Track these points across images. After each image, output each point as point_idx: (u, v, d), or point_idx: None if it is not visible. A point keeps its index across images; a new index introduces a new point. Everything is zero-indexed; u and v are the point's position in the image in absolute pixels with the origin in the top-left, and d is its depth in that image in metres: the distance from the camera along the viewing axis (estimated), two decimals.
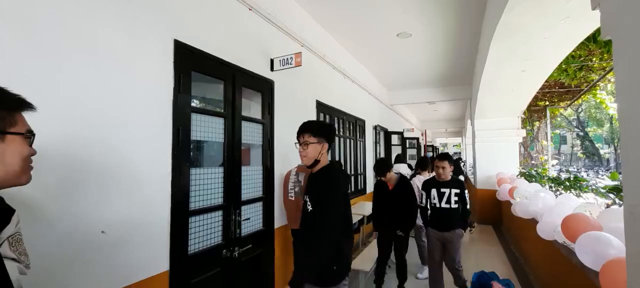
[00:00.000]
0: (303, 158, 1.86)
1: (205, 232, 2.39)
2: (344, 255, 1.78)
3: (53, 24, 1.51)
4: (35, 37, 1.45)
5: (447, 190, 3.19)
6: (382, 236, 3.53)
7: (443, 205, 3.19)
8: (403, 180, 3.51)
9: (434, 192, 3.26)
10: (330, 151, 3.05)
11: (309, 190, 1.85)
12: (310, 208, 1.77)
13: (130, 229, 1.83)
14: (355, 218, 3.86)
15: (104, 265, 1.69)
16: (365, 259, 3.63)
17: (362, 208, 5.03)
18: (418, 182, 4.11)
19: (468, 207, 3.21)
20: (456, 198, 3.17)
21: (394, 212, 3.42)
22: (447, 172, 3.22)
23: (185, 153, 2.19)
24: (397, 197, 3.42)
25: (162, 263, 2.01)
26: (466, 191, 3.19)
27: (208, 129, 2.47)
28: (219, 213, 2.52)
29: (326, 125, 1.99)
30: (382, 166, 3.52)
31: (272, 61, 3.22)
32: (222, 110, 2.62)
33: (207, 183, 2.43)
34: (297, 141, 1.90)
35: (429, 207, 3.31)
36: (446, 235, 3.19)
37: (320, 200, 1.74)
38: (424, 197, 3.36)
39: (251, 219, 2.89)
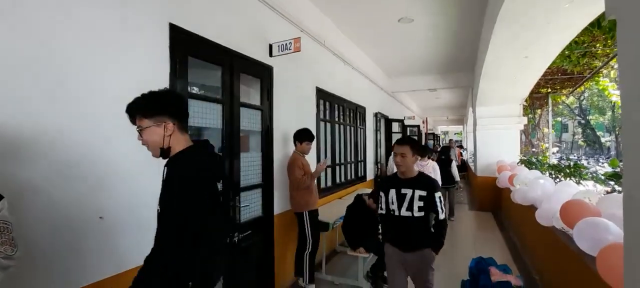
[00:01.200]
0: (147, 148, 1.36)
1: None
2: (200, 272, 1.28)
3: (42, 7, 1.48)
4: (25, 23, 1.41)
5: (409, 192, 2.17)
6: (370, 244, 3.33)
7: (403, 213, 2.18)
8: None
9: (392, 194, 2.24)
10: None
11: (162, 186, 1.32)
12: (158, 209, 1.30)
13: (128, 215, 1.83)
14: None
15: (102, 250, 1.70)
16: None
17: None
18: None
19: (441, 216, 2.16)
20: (421, 203, 2.15)
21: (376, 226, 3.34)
22: (408, 163, 2.21)
23: None
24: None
25: None
26: (438, 194, 2.16)
27: (206, 116, 2.45)
28: None
29: (161, 95, 1.35)
30: None
31: (270, 46, 3.17)
32: (220, 97, 2.59)
33: None
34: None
35: (388, 214, 2.27)
36: (409, 257, 2.23)
37: (165, 201, 1.28)
38: (382, 200, 2.31)
39: (250, 206, 2.89)
